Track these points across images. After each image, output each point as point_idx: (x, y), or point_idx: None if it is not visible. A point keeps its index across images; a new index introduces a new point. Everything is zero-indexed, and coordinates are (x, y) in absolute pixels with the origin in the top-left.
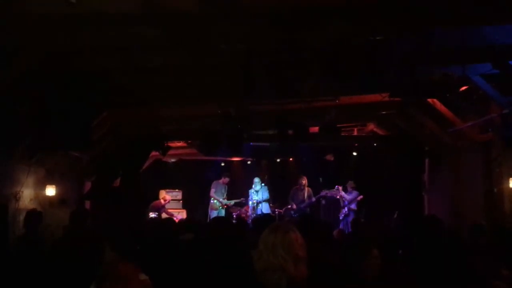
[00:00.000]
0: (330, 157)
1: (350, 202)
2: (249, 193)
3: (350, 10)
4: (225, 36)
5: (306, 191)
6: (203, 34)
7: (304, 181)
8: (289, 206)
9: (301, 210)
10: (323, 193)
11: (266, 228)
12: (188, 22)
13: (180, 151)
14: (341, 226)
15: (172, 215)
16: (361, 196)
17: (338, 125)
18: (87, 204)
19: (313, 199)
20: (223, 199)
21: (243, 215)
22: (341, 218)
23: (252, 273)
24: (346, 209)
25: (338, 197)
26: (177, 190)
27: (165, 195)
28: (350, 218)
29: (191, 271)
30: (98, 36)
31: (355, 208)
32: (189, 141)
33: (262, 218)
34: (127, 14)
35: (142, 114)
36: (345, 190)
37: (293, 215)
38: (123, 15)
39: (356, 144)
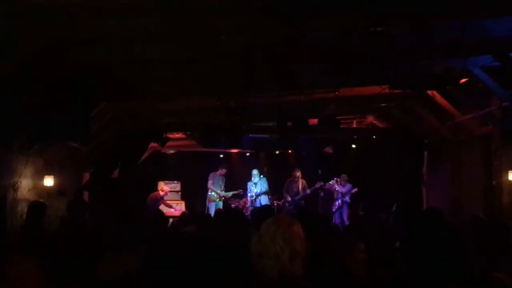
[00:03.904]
0: (329, 150)
1: (344, 194)
2: (248, 186)
3: (350, 1)
4: (225, 29)
5: (300, 183)
6: (203, 26)
7: (298, 173)
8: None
9: (295, 202)
10: (318, 185)
11: (265, 220)
12: (187, 15)
13: (179, 143)
14: (334, 218)
15: (170, 206)
16: (356, 189)
17: (337, 118)
18: (85, 195)
19: (308, 191)
20: (221, 190)
21: (241, 207)
22: (334, 210)
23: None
24: (339, 201)
25: (333, 189)
26: (175, 181)
27: (164, 186)
28: (344, 210)
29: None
30: (98, 28)
31: (349, 200)
32: (188, 133)
33: (262, 210)
34: (127, 6)
35: (141, 106)
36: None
37: (288, 207)
38: (123, 7)
39: (355, 137)
